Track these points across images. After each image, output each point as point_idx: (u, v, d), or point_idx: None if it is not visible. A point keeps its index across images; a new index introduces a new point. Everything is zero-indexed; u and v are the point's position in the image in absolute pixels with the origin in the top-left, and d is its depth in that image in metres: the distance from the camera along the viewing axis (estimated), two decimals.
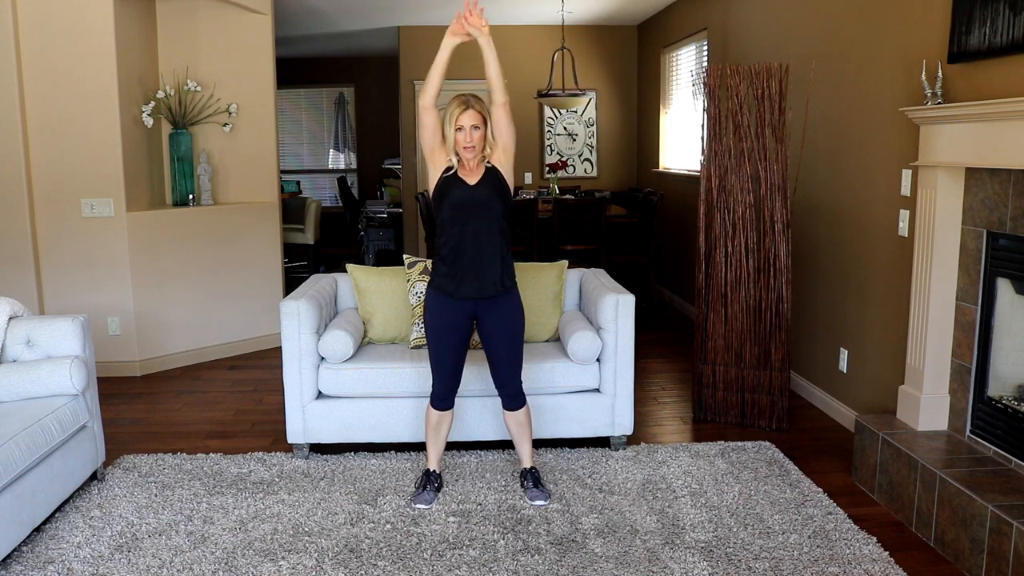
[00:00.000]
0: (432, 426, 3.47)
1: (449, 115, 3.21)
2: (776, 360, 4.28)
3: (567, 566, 2.91)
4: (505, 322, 3.35)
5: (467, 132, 3.21)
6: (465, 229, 3.24)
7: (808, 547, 3.02)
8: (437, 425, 3.47)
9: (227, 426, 4.42)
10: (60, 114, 5.04)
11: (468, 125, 3.21)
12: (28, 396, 3.30)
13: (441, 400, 3.43)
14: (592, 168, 9.02)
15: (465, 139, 3.21)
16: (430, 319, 3.36)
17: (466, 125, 3.21)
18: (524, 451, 3.54)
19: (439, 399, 3.43)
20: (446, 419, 3.48)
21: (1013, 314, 3.21)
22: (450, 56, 3.21)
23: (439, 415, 3.45)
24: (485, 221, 3.25)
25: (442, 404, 3.44)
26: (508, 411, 3.47)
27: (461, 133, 3.21)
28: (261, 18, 5.91)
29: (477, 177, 3.28)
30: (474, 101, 3.22)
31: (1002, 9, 3.02)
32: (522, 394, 3.46)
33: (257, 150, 5.98)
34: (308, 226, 8.77)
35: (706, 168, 4.34)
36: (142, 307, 5.33)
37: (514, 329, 3.38)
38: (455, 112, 3.21)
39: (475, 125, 3.21)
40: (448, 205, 3.25)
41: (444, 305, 3.31)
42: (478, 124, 3.22)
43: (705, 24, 6.58)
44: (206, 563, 2.94)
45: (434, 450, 3.51)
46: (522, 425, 3.49)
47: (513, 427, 3.50)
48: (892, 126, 3.83)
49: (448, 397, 3.43)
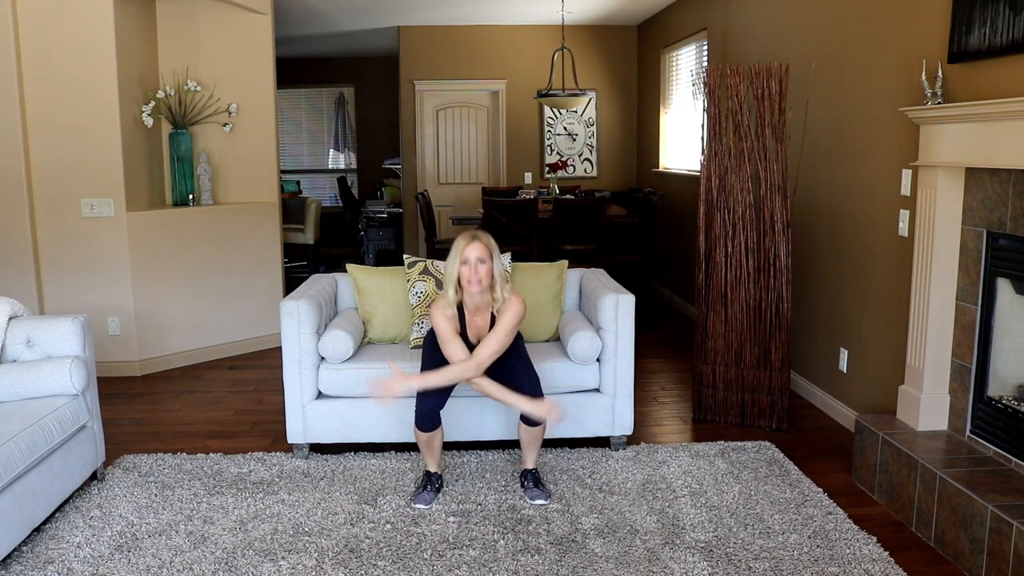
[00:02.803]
0: (423, 443, 3.45)
1: (454, 248, 3.20)
2: (776, 360, 4.28)
3: (567, 566, 2.91)
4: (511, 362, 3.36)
5: (473, 266, 3.17)
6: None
7: (808, 547, 3.03)
8: (428, 442, 3.44)
9: (227, 426, 4.42)
10: (60, 114, 5.04)
11: (474, 258, 3.17)
12: (28, 396, 3.30)
13: (427, 419, 3.35)
14: (592, 168, 9.02)
15: (471, 273, 3.18)
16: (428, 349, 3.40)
17: (472, 258, 3.17)
18: (529, 456, 3.53)
19: (426, 418, 3.35)
20: (436, 436, 3.44)
21: (1013, 314, 3.21)
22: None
23: (428, 435, 3.41)
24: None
25: (429, 424, 3.37)
26: (525, 424, 3.43)
27: (467, 267, 3.18)
28: (261, 18, 5.91)
29: (482, 327, 3.31)
30: (481, 235, 3.20)
31: (1002, 9, 3.02)
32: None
33: (257, 150, 5.98)
34: (308, 226, 8.77)
35: (706, 168, 4.34)
36: (142, 307, 5.33)
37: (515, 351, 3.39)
38: (460, 244, 3.18)
39: (481, 259, 3.17)
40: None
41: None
42: (484, 258, 3.18)
43: (705, 24, 6.58)
44: (206, 563, 2.94)
45: (431, 457, 3.51)
46: (535, 438, 3.48)
47: (525, 437, 3.48)
48: (892, 126, 3.83)
49: (433, 415, 3.37)
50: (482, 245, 3.18)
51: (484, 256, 3.18)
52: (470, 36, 8.72)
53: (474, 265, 3.17)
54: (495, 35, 8.73)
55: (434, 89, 8.84)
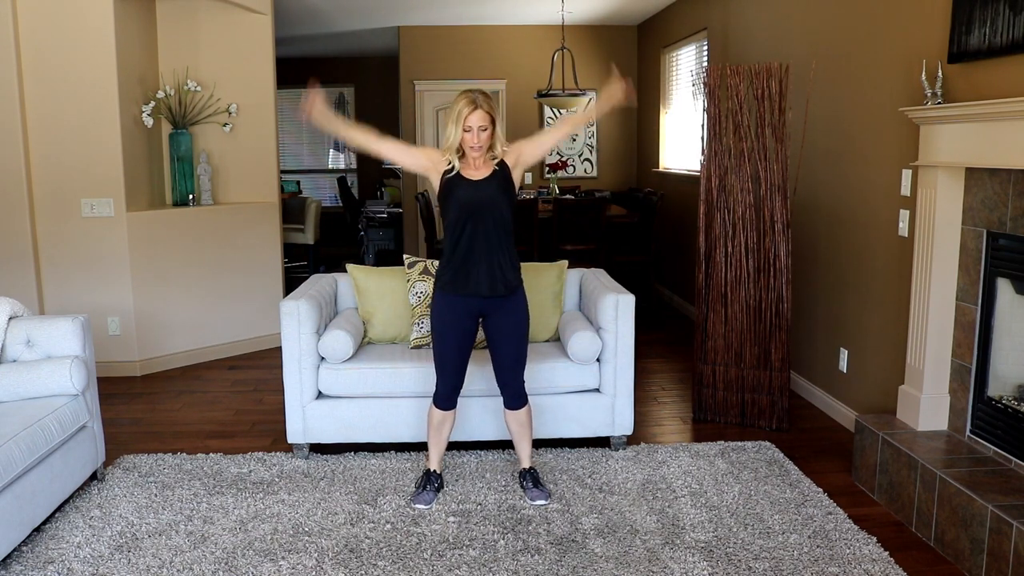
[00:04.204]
0: (435, 426, 3.47)
1: (456, 114, 3.13)
2: (776, 360, 4.28)
3: (567, 566, 2.91)
4: (513, 323, 3.35)
5: (475, 133, 3.14)
6: (473, 229, 3.20)
7: (808, 547, 3.02)
8: (440, 425, 3.46)
9: (227, 426, 4.42)
10: (60, 114, 5.04)
11: (476, 126, 3.13)
12: (28, 396, 3.30)
13: (445, 400, 3.42)
14: (592, 168, 9.02)
15: (473, 139, 3.14)
16: (436, 319, 3.33)
17: (474, 126, 3.13)
18: (523, 451, 3.53)
19: (443, 399, 3.41)
20: (449, 419, 3.46)
21: (1013, 314, 3.21)
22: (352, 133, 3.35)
23: (442, 415, 3.44)
24: (492, 220, 3.20)
25: (446, 404, 3.42)
26: (509, 410, 3.46)
27: (469, 134, 3.14)
28: (261, 18, 5.91)
29: (482, 174, 3.22)
30: (482, 100, 3.14)
31: (1002, 9, 3.02)
32: (524, 394, 3.46)
33: (257, 150, 5.98)
34: (308, 226, 8.77)
35: (706, 168, 4.34)
36: (142, 307, 5.33)
37: (521, 330, 3.38)
38: (463, 111, 3.12)
39: (483, 126, 3.14)
40: (454, 205, 3.20)
41: (451, 305, 3.29)
42: (486, 125, 3.14)
43: (705, 24, 6.58)
44: (206, 563, 2.94)
45: (435, 450, 3.51)
46: (523, 425, 3.48)
47: (514, 426, 3.49)
48: (892, 126, 3.83)
49: (452, 397, 3.42)
50: (484, 112, 3.14)
51: (486, 123, 3.15)
52: (470, 36, 8.72)
53: (476, 132, 3.14)
54: (495, 35, 8.73)
55: (434, 89, 8.84)
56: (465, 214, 3.19)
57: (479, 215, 3.19)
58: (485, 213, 3.19)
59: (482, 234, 3.20)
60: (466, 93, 3.16)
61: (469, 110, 3.12)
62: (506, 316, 3.33)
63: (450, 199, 3.21)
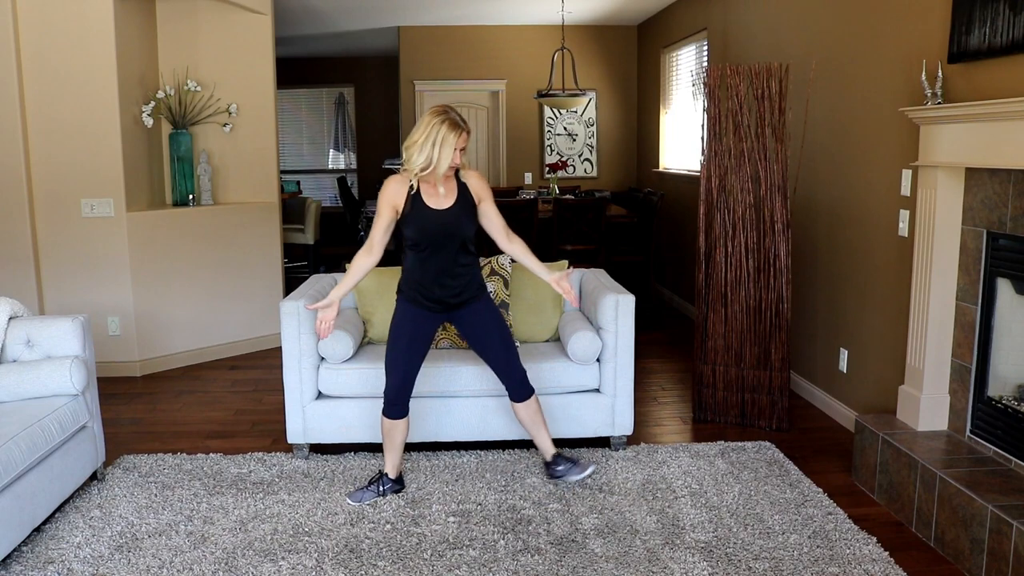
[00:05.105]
0: (385, 432, 3.44)
1: (441, 139, 3.10)
2: (776, 360, 4.28)
3: (567, 566, 2.91)
4: (485, 321, 3.37)
5: (458, 155, 3.18)
6: (434, 254, 3.23)
7: (808, 547, 3.03)
8: (390, 432, 3.43)
9: (227, 426, 4.42)
10: (60, 114, 5.04)
11: (460, 148, 3.17)
12: (28, 396, 3.30)
13: (391, 406, 3.37)
14: (592, 168, 9.02)
15: (456, 159, 3.18)
16: (396, 322, 3.34)
17: (459, 148, 3.17)
18: (543, 442, 3.51)
19: (390, 405, 3.36)
20: (398, 427, 3.42)
21: (1013, 314, 3.21)
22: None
23: (391, 423, 3.41)
24: (455, 246, 3.24)
25: (392, 411, 3.37)
26: (517, 403, 3.45)
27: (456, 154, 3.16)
28: (261, 18, 5.91)
29: (447, 202, 3.22)
30: (461, 121, 3.16)
31: (1002, 9, 3.02)
32: (528, 382, 3.45)
33: (257, 150, 5.98)
34: (308, 226, 8.77)
35: (706, 168, 4.34)
36: (142, 307, 5.33)
37: (496, 322, 3.40)
38: (449, 136, 3.10)
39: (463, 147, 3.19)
40: (416, 231, 3.20)
41: (415, 313, 3.31)
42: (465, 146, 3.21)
43: (705, 24, 6.58)
44: (206, 563, 2.94)
45: (390, 456, 3.47)
46: (535, 413, 3.47)
47: (526, 418, 3.48)
48: (892, 126, 3.83)
49: (398, 403, 3.37)
50: (467, 134, 3.17)
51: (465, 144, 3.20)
52: (470, 36, 8.72)
53: (459, 154, 3.18)
54: (495, 35, 8.73)
55: (434, 89, 8.84)
56: (427, 241, 3.21)
57: (442, 242, 3.22)
58: (448, 241, 3.22)
59: (445, 259, 3.24)
60: (446, 116, 3.12)
61: (455, 135, 3.12)
62: (475, 316, 3.36)
63: (412, 224, 3.21)
